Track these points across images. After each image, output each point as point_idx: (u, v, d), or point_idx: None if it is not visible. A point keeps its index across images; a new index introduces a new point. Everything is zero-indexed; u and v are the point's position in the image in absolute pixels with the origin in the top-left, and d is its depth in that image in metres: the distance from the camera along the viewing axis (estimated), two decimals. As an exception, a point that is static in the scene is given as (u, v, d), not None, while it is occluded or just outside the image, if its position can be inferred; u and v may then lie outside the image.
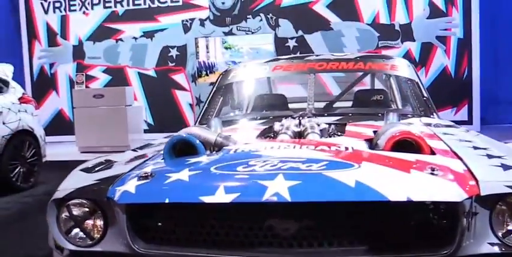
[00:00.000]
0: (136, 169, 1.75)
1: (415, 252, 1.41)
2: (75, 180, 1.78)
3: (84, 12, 9.06)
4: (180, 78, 8.77)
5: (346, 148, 1.76)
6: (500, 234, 1.43)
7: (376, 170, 1.51)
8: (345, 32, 8.23)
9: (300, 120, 2.17)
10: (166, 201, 1.49)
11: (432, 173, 1.46)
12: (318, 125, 2.13)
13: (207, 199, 1.44)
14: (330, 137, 2.10)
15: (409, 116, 2.68)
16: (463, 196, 1.38)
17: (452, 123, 2.56)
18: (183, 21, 8.73)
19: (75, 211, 1.66)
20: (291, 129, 2.12)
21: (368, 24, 8.18)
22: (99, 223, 1.64)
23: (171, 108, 8.73)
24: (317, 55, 3.18)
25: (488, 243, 1.43)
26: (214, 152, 1.92)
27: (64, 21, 9.14)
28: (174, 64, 8.76)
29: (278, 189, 1.40)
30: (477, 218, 1.42)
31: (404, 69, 2.98)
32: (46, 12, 9.19)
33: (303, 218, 1.45)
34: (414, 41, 8.01)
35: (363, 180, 1.41)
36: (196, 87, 8.39)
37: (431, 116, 2.73)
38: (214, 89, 3.15)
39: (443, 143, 1.89)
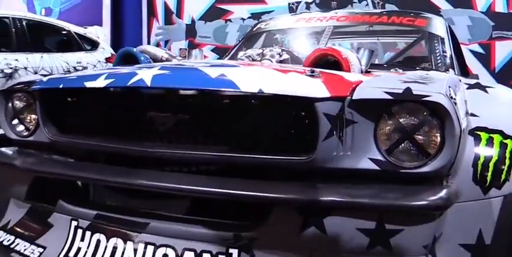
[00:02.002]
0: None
1: (274, 154, 1.33)
2: (30, 78, 1.94)
3: (198, -8, 9.53)
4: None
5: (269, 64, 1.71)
6: (384, 150, 1.29)
7: (254, 70, 1.45)
8: (456, 20, 7.63)
9: (263, 50, 2.12)
10: (60, 86, 1.58)
11: (310, 75, 1.36)
12: (280, 55, 2.06)
13: (88, 84, 1.51)
14: None
15: (418, 68, 2.47)
16: (323, 94, 1.26)
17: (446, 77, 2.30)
18: (289, 3, 8.78)
19: (16, 103, 1.83)
20: (251, 56, 2.08)
21: (482, 13, 7.51)
22: (34, 116, 1.78)
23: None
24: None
25: (370, 158, 1.30)
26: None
27: (180, 1, 9.69)
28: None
29: (144, 76, 1.42)
30: (357, 128, 1.29)
31: (432, 25, 2.74)
32: (164, -9, 9.83)
33: (177, 112, 1.44)
34: (533, 32, 7.21)
35: (227, 73, 1.36)
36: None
37: (447, 71, 2.48)
38: (240, 40, 3.19)
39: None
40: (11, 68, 4.57)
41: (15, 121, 1.83)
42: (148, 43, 10.00)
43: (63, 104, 1.67)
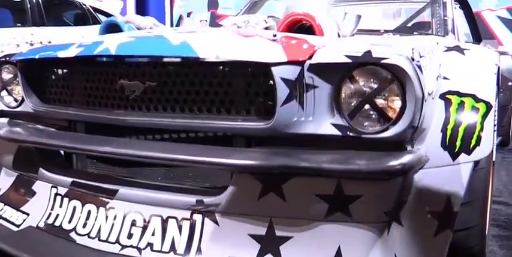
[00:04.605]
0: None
1: (233, 120, 1.32)
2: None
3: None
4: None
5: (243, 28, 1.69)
6: (346, 115, 1.27)
7: (218, 35, 1.43)
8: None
9: (248, 17, 2.09)
10: (36, 57, 1.60)
11: (271, 39, 1.33)
12: (266, 22, 2.02)
13: (60, 54, 1.53)
14: None
15: (415, 34, 2.41)
16: (280, 58, 1.24)
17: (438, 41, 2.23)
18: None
19: (4, 75, 1.87)
20: (236, 23, 2.06)
21: (511, -25, 7.19)
22: (20, 87, 1.81)
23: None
24: None
25: (332, 124, 1.28)
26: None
27: (202, -28, 9.61)
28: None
29: (110, 44, 1.42)
30: (318, 93, 1.27)
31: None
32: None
33: (143, 80, 1.44)
34: None
35: (189, 40, 1.35)
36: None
37: (446, 35, 2.40)
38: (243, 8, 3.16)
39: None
40: (26, 43, 4.65)
41: (4, 93, 1.87)
42: (171, 15, 10.02)
43: (43, 74, 1.70)
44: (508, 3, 7.16)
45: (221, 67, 1.33)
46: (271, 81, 1.25)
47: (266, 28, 2.01)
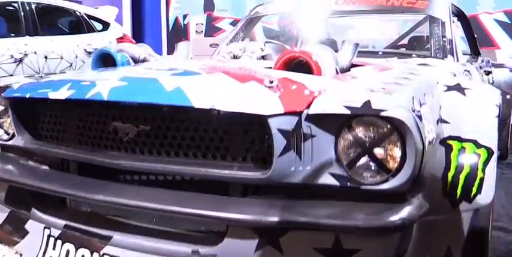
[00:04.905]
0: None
1: (230, 169, 1.29)
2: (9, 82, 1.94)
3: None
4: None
5: (239, 65, 1.65)
6: (345, 164, 1.24)
7: (214, 79, 1.40)
8: (482, -14, 7.29)
9: (245, 45, 2.06)
10: (27, 96, 1.56)
11: (267, 86, 1.30)
12: (262, 50, 2.00)
13: (51, 95, 1.49)
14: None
15: (414, 56, 2.38)
16: (277, 110, 1.21)
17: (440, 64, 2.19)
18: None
19: None
20: (232, 52, 2.03)
21: (508, -23, 7.14)
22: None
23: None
24: None
25: (330, 173, 1.25)
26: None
27: (198, -27, 9.54)
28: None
29: (102, 89, 1.39)
30: (316, 142, 1.24)
31: (433, 7, 2.60)
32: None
33: (137, 123, 1.41)
34: None
35: (183, 87, 1.32)
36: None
37: (445, 58, 2.36)
38: (239, 24, 3.11)
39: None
40: (20, 53, 4.60)
41: None
42: (167, 18, 9.95)
43: (34, 111, 1.66)
44: (505, 6, 7.12)
45: (217, 114, 1.30)
46: (267, 132, 1.22)
47: (262, 57, 1.98)
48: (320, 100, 1.24)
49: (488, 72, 3.12)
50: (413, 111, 1.19)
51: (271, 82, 1.30)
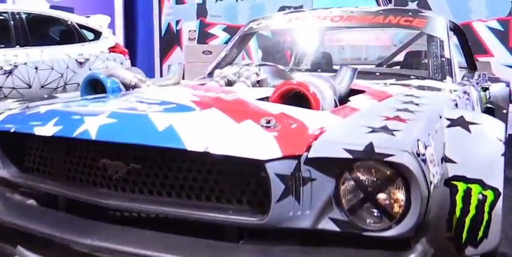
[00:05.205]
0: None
1: (225, 213, 1.23)
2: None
3: (208, -30, 9.29)
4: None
5: (234, 96, 1.59)
6: (346, 209, 1.18)
7: (208, 116, 1.34)
8: (473, -6, 7.27)
9: (240, 69, 1.99)
10: (11, 130, 1.49)
11: (264, 126, 1.24)
12: (258, 75, 1.93)
13: (37, 130, 1.42)
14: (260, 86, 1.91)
15: (412, 77, 2.32)
16: (275, 154, 1.15)
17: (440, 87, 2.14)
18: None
19: None
20: (227, 77, 1.96)
21: (500, -14, 7.12)
22: None
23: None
24: (339, 7, 2.86)
25: (330, 218, 1.19)
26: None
27: (191, -21, 9.47)
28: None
29: (90, 126, 1.32)
30: (315, 186, 1.18)
31: (431, 25, 2.55)
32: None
33: (127, 162, 1.34)
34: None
35: (176, 126, 1.25)
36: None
37: (444, 80, 2.31)
38: (232, 39, 3.06)
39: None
40: (10, 65, 4.51)
41: None
42: (160, 24, 9.87)
43: (20, 143, 1.59)
44: (499, 14, 7.10)
45: (211, 156, 1.24)
46: (264, 177, 1.16)
47: (258, 82, 1.92)
48: (320, 143, 1.18)
49: (485, 89, 3.08)
50: (418, 155, 1.13)
51: (268, 122, 1.24)
